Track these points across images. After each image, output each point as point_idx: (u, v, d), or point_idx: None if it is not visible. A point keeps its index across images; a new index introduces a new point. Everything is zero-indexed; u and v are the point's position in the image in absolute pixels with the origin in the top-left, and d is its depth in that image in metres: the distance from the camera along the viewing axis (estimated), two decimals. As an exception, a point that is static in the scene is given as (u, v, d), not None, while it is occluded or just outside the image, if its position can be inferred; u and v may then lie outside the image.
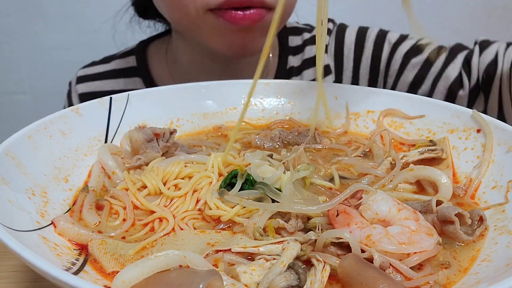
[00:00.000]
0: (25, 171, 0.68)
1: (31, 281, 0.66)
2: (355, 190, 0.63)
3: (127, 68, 1.42)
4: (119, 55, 1.46)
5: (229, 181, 0.70)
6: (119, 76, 1.41)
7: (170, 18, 1.19)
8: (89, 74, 1.44)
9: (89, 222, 0.66)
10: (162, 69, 1.38)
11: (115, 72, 1.42)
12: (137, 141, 0.81)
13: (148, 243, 0.61)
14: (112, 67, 1.44)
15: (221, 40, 1.08)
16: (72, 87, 1.45)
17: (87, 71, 1.45)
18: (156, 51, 1.42)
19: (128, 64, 1.42)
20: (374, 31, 1.37)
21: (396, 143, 0.92)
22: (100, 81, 1.41)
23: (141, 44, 1.44)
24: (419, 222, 0.60)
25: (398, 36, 1.34)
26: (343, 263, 0.53)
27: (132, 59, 1.41)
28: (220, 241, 0.61)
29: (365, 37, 1.37)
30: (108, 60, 1.46)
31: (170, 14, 1.15)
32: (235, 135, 0.78)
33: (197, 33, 1.11)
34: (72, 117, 0.83)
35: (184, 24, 1.12)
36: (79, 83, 1.43)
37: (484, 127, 0.80)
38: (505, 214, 0.65)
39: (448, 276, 0.55)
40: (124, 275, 0.47)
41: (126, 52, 1.46)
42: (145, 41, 1.45)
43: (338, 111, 1.02)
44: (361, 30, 1.39)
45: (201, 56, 1.28)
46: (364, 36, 1.37)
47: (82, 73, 1.45)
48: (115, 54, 1.48)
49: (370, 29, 1.39)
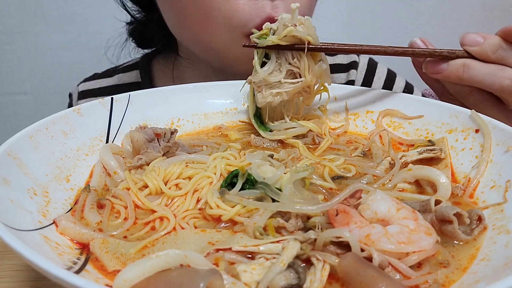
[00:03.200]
0: (26, 171, 0.68)
1: (33, 280, 0.67)
2: (355, 190, 0.63)
3: (131, 83, 1.38)
4: (122, 68, 1.43)
5: (230, 181, 0.71)
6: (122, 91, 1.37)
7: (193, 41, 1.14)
8: (91, 89, 1.40)
9: (91, 221, 0.67)
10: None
11: (118, 87, 1.38)
12: (138, 141, 0.81)
13: (149, 242, 0.61)
14: (115, 81, 1.40)
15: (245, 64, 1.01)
16: (74, 101, 1.42)
17: (88, 86, 1.41)
18: (161, 68, 1.38)
19: (132, 79, 1.39)
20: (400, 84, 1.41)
21: (395, 143, 0.92)
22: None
23: (145, 58, 1.40)
24: (418, 221, 0.60)
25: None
26: (342, 262, 0.53)
27: (136, 74, 1.38)
28: (220, 240, 0.61)
29: (392, 87, 1.40)
30: (110, 74, 1.42)
31: (195, 37, 1.10)
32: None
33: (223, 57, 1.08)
34: (74, 117, 0.84)
35: (211, 47, 1.09)
36: (81, 98, 1.39)
37: (482, 127, 0.80)
38: (504, 213, 0.65)
39: (446, 275, 0.55)
40: (126, 274, 0.48)
41: (129, 66, 1.42)
42: (149, 54, 1.41)
43: (338, 111, 1.03)
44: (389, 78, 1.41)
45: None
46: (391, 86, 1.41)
47: (83, 87, 1.41)
48: (117, 67, 1.44)
49: (398, 79, 1.43)
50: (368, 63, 1.43)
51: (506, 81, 0.82)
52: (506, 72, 0.83)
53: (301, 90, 0.92)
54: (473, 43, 0.84)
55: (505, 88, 0.83)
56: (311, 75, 0.90)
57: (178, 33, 1.17)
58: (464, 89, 0.88)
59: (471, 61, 0.85)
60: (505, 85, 0.83)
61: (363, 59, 1.43)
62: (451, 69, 0.86)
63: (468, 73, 0.84)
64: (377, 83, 1.41)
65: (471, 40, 0.84)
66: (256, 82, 0.91)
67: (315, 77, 0.91)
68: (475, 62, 0.85)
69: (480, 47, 0.83)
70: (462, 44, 0.86)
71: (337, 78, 1.40)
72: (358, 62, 1.42)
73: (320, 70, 0.90)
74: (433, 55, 0.88)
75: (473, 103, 0.89)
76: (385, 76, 1.41)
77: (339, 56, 1.43)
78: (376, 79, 1.41)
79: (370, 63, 1.43)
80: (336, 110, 1.03)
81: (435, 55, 0.88)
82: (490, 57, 0.83)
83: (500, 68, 0.83)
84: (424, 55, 0.90)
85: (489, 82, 0.84)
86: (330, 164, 0.82)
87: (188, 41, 1.18)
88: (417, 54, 0.91)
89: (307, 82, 0.90)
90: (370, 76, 1.41)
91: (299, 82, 0.90)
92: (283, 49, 0.88)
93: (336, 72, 1.40)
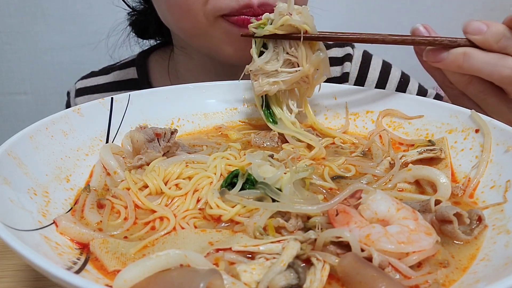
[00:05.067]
0: (26, 171, 0.68)
1: (33, 280, 0.67)
2: (355, 190, 0.63)
3: (127, 80, 1.39)
4: (119, 65, 1.43)
5: (230, 181, 0.71)
6: (119, 88, 1.38)
7: (178, 28, 1.16)
8: (88, 87, 1.40)
9: (91, 221, 0.67)
10: (164, 82, 1.35)
11: (115, 84, 1.39)
12: (138, 141, 0.81)
13: (149, 241, 0.61)
14: (111, 78, 1.40)
15: (231, 46, 1.07)
16: (71, 99, 1.43)
17: (86, 83, 1.42)
18: (157, 64, 1.39)
19: (129, 76, 1.39)
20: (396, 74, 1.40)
21: (395, 143, 0.92)
22: (99, 94, 1.37)
23: (141, 55, 1.41)
24: (418, 221, 0.60)
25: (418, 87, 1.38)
26: (342, 262, 0.53)
27: (133, 71, 1.39)
28: (220, 240, 0.61)
29: (388, 77, 1.39)
30: (107, 71, 1.42)
31: (178, 24, 1.13)
32: None
33: (206, 41, 1.09)
34: (74, 117, 0.84)
35: (194, 33, 1.10)
36: (79, 96, 1.40)
37: (482, 127, 0.80)
38: (504, 213, 0.65)
39: (446, 275, 0.55)
40: (126, 274, 0.48)
41: (126, 63, 1.43)
42: (146, 51, 1.42)
43: (338, 111, 1.03)
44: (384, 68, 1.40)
45: (205, 72, 1.26)
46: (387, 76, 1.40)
47: (81, 85, 1.42)
48: (114, 65, 1.45)
49: (393, 69, 1.41)
50: (363, 55, 1.42)
51: (506, 70, 0.80)
52: (506, 61, 0.80)
53: (300, 80, 0.92)
54: (476, 32, 0.81)
55: (504, 78, 0.81)
56: (308, 64, 0.89)
57: (166, 21, 1.18)
58: (464, 78, 0.86)
59: (472, 50, 0.82)
60: (505, 74, 0.81)
61: (358, 51, 1.43)
62: (451, 58, 0.84)
63: (468, 62, 0.82)
64: (372, 74, 1.39)
65: (474, 28, 0.82)
66: (253, 71, 0.91)
67: (312, 67, 0.90)
68: (476, 51, 0.82)
69: (483, 36, 0.81)
70: (464, 32, 0.84)
71: (332, 71, 1.39)
72: (353, 54, 1.41)
73: (317, 60, 0.90)
74: (433, 44, 0.86)
75: (472, 93, 0.88)
76: (380, 67, 1.40)
77: (334, 49, 1.42)
78: (371, 70, 1.40)
79: (364, 55, 1.42)
80: (336, 110, 1.03)
81: (435, 43, 0.86)
82: (493, 46, 0.81)
83: (501, 57, 0.81)
84: (424, 43, 0.87)
85: (489, 72, 0.82)
86: (330, 164, 0.82)
87: (176, 30, 1.19)
88: (417, 43, 0.88)
89: (305, 72, 0.90)
90: (365, 68, 1.40)
91: (297, 71, 0.90)
92: (280, 38, 0.88)
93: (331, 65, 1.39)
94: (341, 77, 1.39)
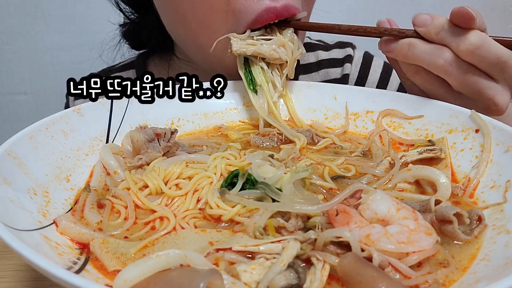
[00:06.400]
0: (26, 171, 0.68)
1: (33, 280, 0.67)
2: (355, 190, 0.63)
3: None
4: (118, 67, 1.43)
5: (230, 181, 0.71)
6: None
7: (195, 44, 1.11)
8: None
9: (91, 221, 0.67)
10: None
11: None
12: (138, 141, 0.81)
13: (149, 241, 0.61)
14: None
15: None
16: (70, 101, 1.42)
17: None
18: (156, 67, 1.38)
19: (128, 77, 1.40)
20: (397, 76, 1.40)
21: (395, 143, 0.92)
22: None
23: (141, 57, 1.40)
24: (418, 221, 0.60)
25: None
26: (342, 262, 0.53)
27: (132, 73, 1.38)
28: (220, 240, 0.61)
29: (389, 79, 1.39)
30: (106, 73, 1.41)
31: (196, 39, 1.08)
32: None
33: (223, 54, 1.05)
34: (74, 117, 0.84)
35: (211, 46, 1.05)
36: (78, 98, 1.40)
37: (482, 127, 0.80)
38: (504, 213, 0.65)
39: (446, 275, 0.55)
40: (126, 274, 0.48)
41: (125, 65, 1.42)
42: (145, 53, 1.41)
43: (338, 111, 1.03)
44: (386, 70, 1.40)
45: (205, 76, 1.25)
46: (388, 78, 1.40)
47: None
48: (113, 66, 1.44)
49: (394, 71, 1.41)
50: (364, 56, 1.42)
51: (440, 60, 0.84)
52: (442, 52, 0.84)
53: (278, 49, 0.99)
54: (421, 24, 0.87)
55: (439, 67, 0.85)
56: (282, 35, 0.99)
57: (176, 34, 1.16)
58: (411, 67, 0.90)
59: (416, 41, 0.87)
60: (439, 64, 0.84)
61: (358, 52, 1.42)
62: (398, 48, 0.89)
63: (412, 51, 0.87)
64: (373, 75, 1.39)
65: (420, 20, 0.87)
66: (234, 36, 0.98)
67: (286, 37, 0.98)
68: (420, 41, 0.87)
69: (426, 28, 0.86)
70: (413, 23, 0.89)
71: (332, 72, 1.39)
72: (353, 56, 1.41)
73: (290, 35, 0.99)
74: (383, 34, 0.91)
75: (419, 82, 0.92)
76: (381, 68, 1.40)
77: (334, 50, 1.42)
78: (372, 72, 1.40)
79: (365, 56, 1.42)
80: (336, 110, 1.03)
81: (385, 33, 0.91)
82: (433, 38, 0.85)
83: (438, 48, 0.85)
84: (375, 33, 0.93)
85: (428, 61, 0.86)
86: (330, 164, 0.82)
87: (186, 43, 1.16)
88: (369, 33, 0.94)
89: (280, 40, 0.98)
90: (366, 69, 1.40)
91: (272, 39, 0.99)
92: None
93: (332, 67, 1.39)
94: (341, 79, 1.39)
